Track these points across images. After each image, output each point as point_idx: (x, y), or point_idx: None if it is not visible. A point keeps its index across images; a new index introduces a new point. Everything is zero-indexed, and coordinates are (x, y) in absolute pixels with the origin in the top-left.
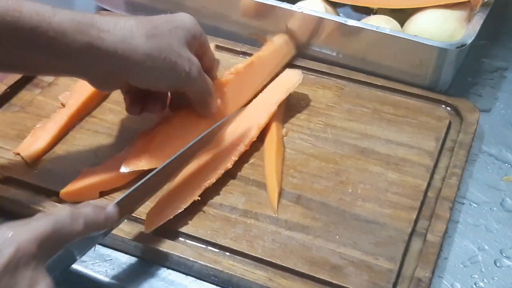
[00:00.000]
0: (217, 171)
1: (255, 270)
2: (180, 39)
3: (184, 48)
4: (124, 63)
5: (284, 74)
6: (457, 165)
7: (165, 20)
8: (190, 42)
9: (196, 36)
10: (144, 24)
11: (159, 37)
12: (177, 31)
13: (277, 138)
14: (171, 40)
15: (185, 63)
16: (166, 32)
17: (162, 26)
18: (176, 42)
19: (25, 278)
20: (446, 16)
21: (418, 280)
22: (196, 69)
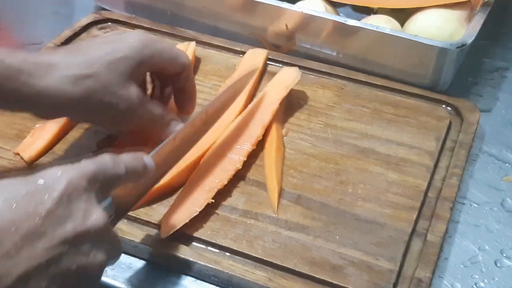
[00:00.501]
0: (228, 173)
1: (255, 271)
2: (121, 73)
3: (123, 84)
4: (56, 106)
5: (282, 72)
6: (457, 165)
7: (106, 51)
8: (136, 71)
9: (144, 61)
10: (78, 62)
11: (92, 78)
12: (118, 64)
13: (277, 138)
14: (107, 78)
15: (122, 101)
16: (103, 70)
17: (99, 62)
18: (114, 79)
19: (79, 209)
20: (446, 16)
21: (419, 281)
22: (135, 104)
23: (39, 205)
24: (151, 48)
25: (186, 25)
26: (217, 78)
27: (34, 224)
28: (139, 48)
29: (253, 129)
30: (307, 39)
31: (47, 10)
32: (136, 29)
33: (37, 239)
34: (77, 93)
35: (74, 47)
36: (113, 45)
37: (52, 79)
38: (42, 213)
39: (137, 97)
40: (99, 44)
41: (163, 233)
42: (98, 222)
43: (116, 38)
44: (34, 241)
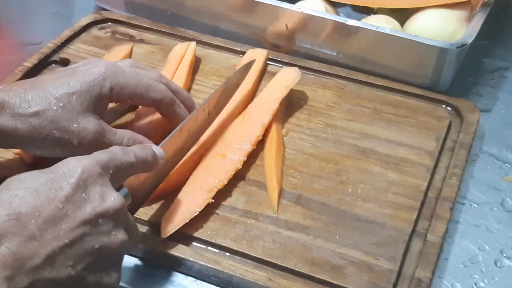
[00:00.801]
0: (228, 173)
1: (255, 271)
2: (74, 107)
3: (77, 119)
4: (9, 142)
5: (282, 72)
6: (457, 165)
7: (59, 86)
8: (94, 103)
9: (102, 95)
10: (28, 99)
11: (41, 115)
12: (71, 99)
13: (277, 138)
14: (56, 114)
15: (73, 136)
16: (53, 106)
17: (49, 98)
18: (64, 115)
19: (96, 193)
20: (446, 16)
21: (419, 280)
22: (89, 140)
23: (58, 191)
24: (111, 81)
25: (186, 25)
26: (217, 78)
27: (55, 208)
28: (96, 82)
29: (253, 129)
30: (307, 39)
31: (47, 10)
32: (104, 61)
33: (59, 222)
34: (25, 130)
35: (32, 82)
36: (69, 79)
37: (2, 118)
38: (62, 198)
39: (94, 131)
40: (56, 79)
41: (163, 233)
42: (115, 204)
43: (75, 72)
44: (57, 224)
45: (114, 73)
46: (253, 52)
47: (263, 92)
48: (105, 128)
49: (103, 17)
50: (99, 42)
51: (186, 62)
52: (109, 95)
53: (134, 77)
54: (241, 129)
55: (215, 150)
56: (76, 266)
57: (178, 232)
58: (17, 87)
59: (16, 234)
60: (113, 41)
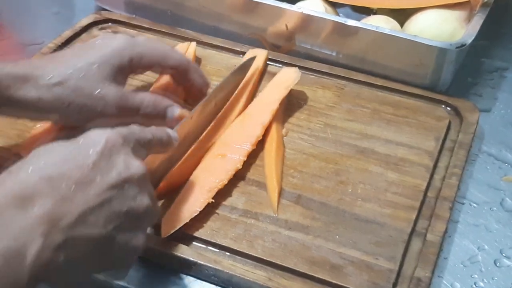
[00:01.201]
0: (228, 173)
1: (255, 270)
2: (95, 76)
3: (98, 86)
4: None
5: (282, 72)
6: (457, 165)
7: (80, 58)
8: (114, 72)
9: (121, 65)
10: (50, 71)
11: (63, 84)
12: (92, 68)
13: (277, 138)
14: (79, 83)
15: (96, 102)
16: (75, 75)
17: (72, 68)
18: (86, 84)
19: (120, 160)
20: (446, 16)
21: (418, 280)
22: (114, 103)
23: (85, 158)
24: (130, 52)
25: (186, 25)
26: (217, 78)
27: (83, 173)
28: (116, 53)
29: (253, 129)
30: (307, 39)
31: (48, 11)
32: (121, 34)
33: (88, 186)
34: (48, 100)
35: (54, 56)
36: (88, 52)
37: (27, 89)
38: (89, 164)
39: (115, 95)
40: (77, 52)
41: (163, 233)
42: (139, 170)
43: (95, 45)
44: (86, 188)
45: (132, 44)
46: (253, 52)
47: (263, 92)
48: (125, 92)
49: (103, 17)
50: None
51: None
52: (128, 66)
53: (151, 47)
54: (241, 129)
55: (215, 150)
56: (106, 226)
57: (178, 232)
58: (39, 61)
59: (48, 195)
60: None
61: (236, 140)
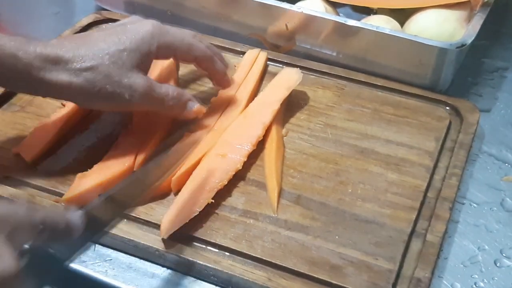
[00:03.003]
0: (228, 173)
1: (255, 270)
2: (125, 63)
3: (127, 74)
4: (63, 93)
5: (283, 72)
6: (457, 165)
7: (110, 43)
8: (140, 61)
9: (149, 53)
10: (82, 55)
11: (95, 69)
12: (122, 55)
13: (277, 138)
14: (108, 70)
15: (125, 90)
16: (106, 61)
17: (101, 54)
18: (115, 70)
19: None
20: (446, 16)
21: (418, 281)
22: (140, 92)
23: None
24: (158, 41)
25: (186, 25)
26: None
27: None
28: (145, 41)
29: (254, 129)
30: (307, 39)
31: (48, 11)
32: (149, 19)
33: None
34: (79, 83)
35: (83, 38)
36: (118, 37)
37: (58, 72)
38: None
39: (142, 85)
40: (107, 35)
41: (163, 233)
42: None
43: (124, 29)
44: None
45: (160, 32)
46: (253, 52)
47: (264, 92)
48: (152, 82)
49: (103, 17)
50: None
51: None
52: (155, 53)
53: (178, 36)
54: (242, 129)
55: (216, 150)
56: None
57: (178, 232)
58: (69, 43)
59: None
60: None
61: (237, 140)
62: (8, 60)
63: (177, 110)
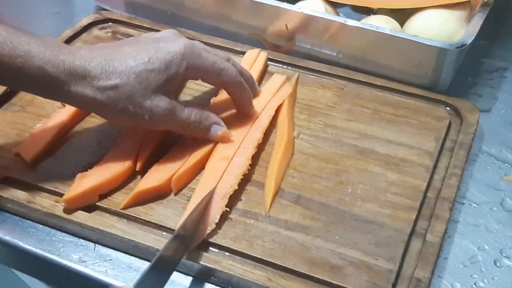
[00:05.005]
0: (237, 177)
1: (255, 270)
2: (150, 85)
3: (151, 96)
4: (86, 107)
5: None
6: (457, 165)
7: (139, 62)
8: (169, 82)
9: (177, 75)
10: (109, 72)
11: (119, 88)
12: (149, 76)
13: (287, 139)
14: (133, 90)
15: (145, 112)
16: (131, 81)
17: (129, 73)
18: (140, 91)
19: None
20: (446, 16)
21: (418, 281)
22: (162, 115)
23: None
24: (188, 62)
25: (186, 25)
26: None
27: None
28: (175, 62)
29: (254, 131)
30: (307, 39)
31: (48, 11)
32: (182, 38)
33: None
34: (102, 100)
35: (114, 51)
36: (148, 56)
37: (83, 87)
38: None
39: (165, 108)
40: (137, 52)
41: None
42: None
43: (156, 48)
44: None
45: (191, 54)
46: (253, 52)
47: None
48: (175, 105)
49: (103, 17)
50: (100, 42)
51: None
52: (183, 74)
53: (209, 60)
54: (243, 131)
55: (219, 153)
56: None
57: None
58: (99, 56)
59: None
60: (114, 41)
61: (238, 142)
62: (36, 73)
63: (199, 134)
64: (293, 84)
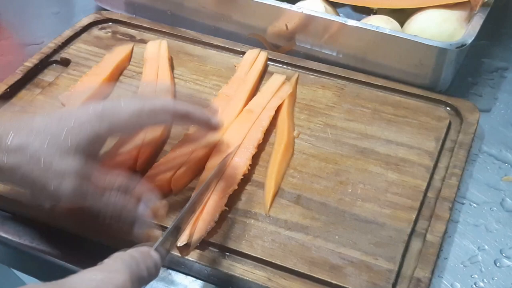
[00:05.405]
0: (237, 177)
1: (255, 270)
2: (61, 147)
3: (61, 160)
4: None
5: (273, 78)
6: (457, 165)
7: (52, 124)
8: (85, 145)
9: (98, 136)
10: (20, 127)
11: (23, 150)
12: (59, 137)
13: (287, 139)
14: (40, 153)
15: (51, 180)
16: (38, 143)
17: (38, 134)
18: (49, 154)
19: None
20: (446, 16)
21: (418, 280)
22: (67, 185)
23: None
24: (109, 122)
25: (186, 25)
26: (217, 78)
27: None
28: (92, 121)
29: (254, 132)
30: (307, 39)
31: (48, 11)
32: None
33: None
34: (5, 165)
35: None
36: (60, 115)
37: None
38: None
39: (75, 174)
40: (49, 113)
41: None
42: None
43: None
44: None
45: (111, 112)
46: (253, 52)
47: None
48: (89, 172)
49: (103, 17)
50: (100, 42)
51: (164, 61)
52: (104, 136)
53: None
54: (243, 131)
55: (220, 153)
56: None
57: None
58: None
59: None
60: (114, 41)
61: (238, 142)
62: None
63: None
64: (293, 84)
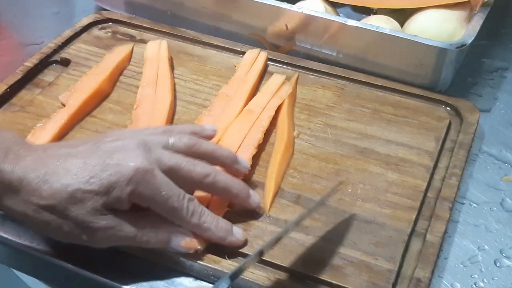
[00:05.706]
0: (239, 177)
1: (254, 270)
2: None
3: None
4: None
5: (273, 78)
6: (457, 165)
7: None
8: (109, 205)
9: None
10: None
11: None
12: (84, 197)
13: (287, 139)
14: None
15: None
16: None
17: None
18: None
19: None
20: (446, 16)
21: (418, 280)
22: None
23: None
24: (134, 189)
25: (186, 25)
26: (217, 78)
27: None
28: (119, 185)
29: (254, 132)
30: (307, 39)
31: (48, 11)
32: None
33: None
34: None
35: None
36: (91, 173)
37: (15, 202)
38: None
39: (105, 227)
40: (80, 167)
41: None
42: None
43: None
44: None
45: (141, 180)
46: (253, 52)
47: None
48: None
49: (103, 17)
50: (100, 42)
51: (164, 61)
52: (127, 200)
53: (159, 193)
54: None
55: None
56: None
57: None
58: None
59: None
60: (114, 41)
61: (238, 142)
62: None
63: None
64: (293, 84)
